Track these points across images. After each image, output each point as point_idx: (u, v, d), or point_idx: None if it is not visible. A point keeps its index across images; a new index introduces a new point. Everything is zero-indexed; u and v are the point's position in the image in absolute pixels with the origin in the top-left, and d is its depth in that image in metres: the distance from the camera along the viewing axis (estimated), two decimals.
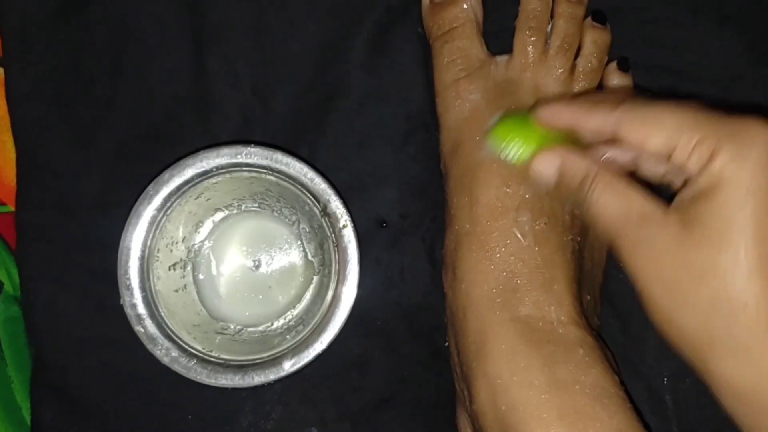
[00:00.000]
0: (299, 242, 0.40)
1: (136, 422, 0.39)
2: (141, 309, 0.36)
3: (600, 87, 0.38)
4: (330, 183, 0.36)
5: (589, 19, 0.38)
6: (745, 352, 0.25)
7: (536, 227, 0.34)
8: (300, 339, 0.36)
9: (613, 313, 0.40)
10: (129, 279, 0.36)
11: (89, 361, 0.39)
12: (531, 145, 0.30)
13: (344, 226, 0.36)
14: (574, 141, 0.30)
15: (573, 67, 0.37)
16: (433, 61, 0.39)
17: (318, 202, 0.36)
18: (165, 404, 0.39)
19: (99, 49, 0.40)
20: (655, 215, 0.27)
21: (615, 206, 0.28)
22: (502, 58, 0.38)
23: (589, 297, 0.36)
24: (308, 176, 0.36)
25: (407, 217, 0.40)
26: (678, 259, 0.26)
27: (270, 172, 0.36)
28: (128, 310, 0.36)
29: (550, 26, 0.38)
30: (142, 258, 0.36)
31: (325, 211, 0.36)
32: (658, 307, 0.27)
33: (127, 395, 0.39)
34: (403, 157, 0.40)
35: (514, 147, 0.31)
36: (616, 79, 0.38)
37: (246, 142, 0.36)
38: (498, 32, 0.38)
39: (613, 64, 0.38)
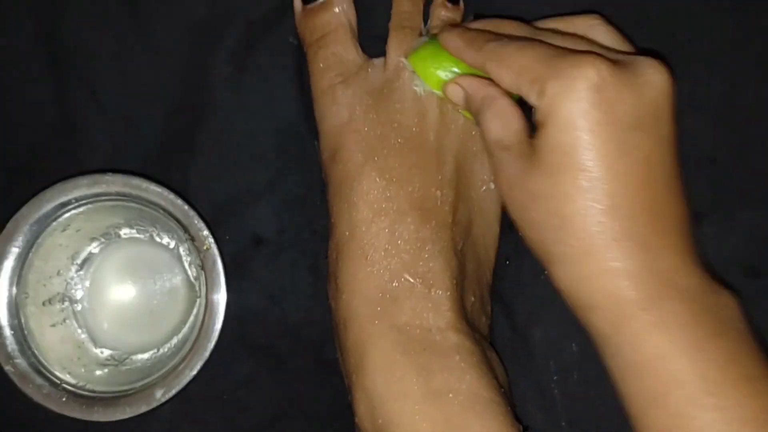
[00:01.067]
0: (180, 266, 0.40)
1: None
2: (10, 348, 0.35)
3: None
4: (190, 205, 0.35)
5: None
6: (565, 261, 0.29)
7: (415, 232, 0.34)
8: (172, 365, 0.36)
9: (502, 310, 0.39)
10: None
11: None
12: (445, 68, 0.34)
13: (207, 248, 0.35)
14: None
15: None
16: (309, 67, 0.38)
17: (181, 225, 0.36)
18: None
19: None
20: (517, 145, 0.31)
21: (495, 131, 0.32)
22: (378, 61, 0.37)
23: (473, 298, 0.36)
24: (168, 199, 0.35)
25: (284, 232, 0.40)
26: (522, 184, 0.30)
27: (131, 199, 0.36)
28: None
29: (425, 29, 0.38)
30: (9, 296, 0.36)
31: (189, 234, 0.36)
32: (515, 221, 0.31)
33: None
34: (275, 172, 0.40)
35: (431, 70, 0.35)
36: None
37: (104, 170, 0.36)
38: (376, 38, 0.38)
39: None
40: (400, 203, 0.34)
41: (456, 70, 0.34)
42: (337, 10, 0.37)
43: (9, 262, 0.36)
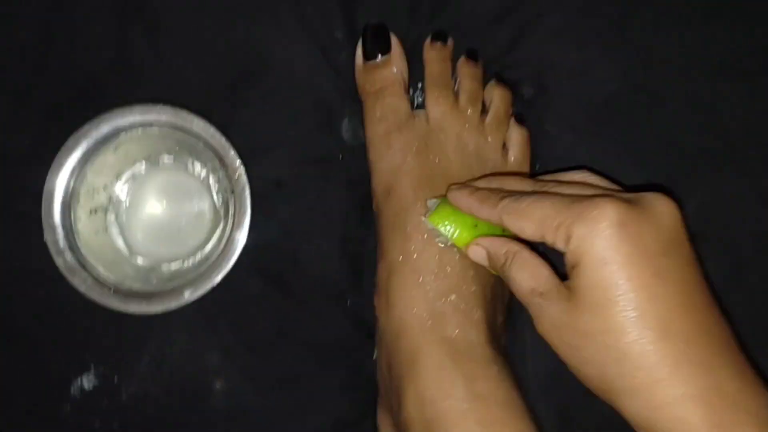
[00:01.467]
0: (208, 194, 0.46)
1: (57, 347, 0.44)
2: (62, 244, 0.41)
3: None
4: (227, 138, 0.42)
5: (493, 80, 0.45)
6: (633, 393, 0.30)
7: (460, 260, 0.40)
8: (199, 273, 0.42)
9: None
10: (52, 218, 0.41)
11: (15, 293, 0.44)
12: (463, 229, 0.37)
13: (238, 176, 0.41)
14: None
15: (483, 116, 0.44)
16: (365, 115, 0.44)
17: (218, 155, 0.42)
18: (82, 331, 0.44)
19: (29, 19, 0.45)
20: (553, 290, 0.32)
21: (526, 281, 0.34)
22: (421, 112, 0.43)
23: (501, 318, 0.42)
24: (209, 132, 0.41)
25: (301, 177, 0.46)
26: (568, 325, 0.31)
27: (177, 129, 0.42)
28: (50, 245, 0.41)
29: (456, 85, 0.44)
30: (63, 200, 0.42)
31: (224, 163, 0.42)
32: (566, 362, 0.33)
33: (48, 324, 0.44)
34: (305, 133, 0.46)
35: (449, 231, 0.37)
36: (516, 130, 0.44)
37: (156, 101, 0.42)
38: None
39: (512, 119, 0.45)
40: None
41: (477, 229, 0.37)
42: (395, 69, 0.43)
43: (65, 172, 0.41)
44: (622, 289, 0.29)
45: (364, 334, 0.45)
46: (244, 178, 0.41)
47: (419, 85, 0.45)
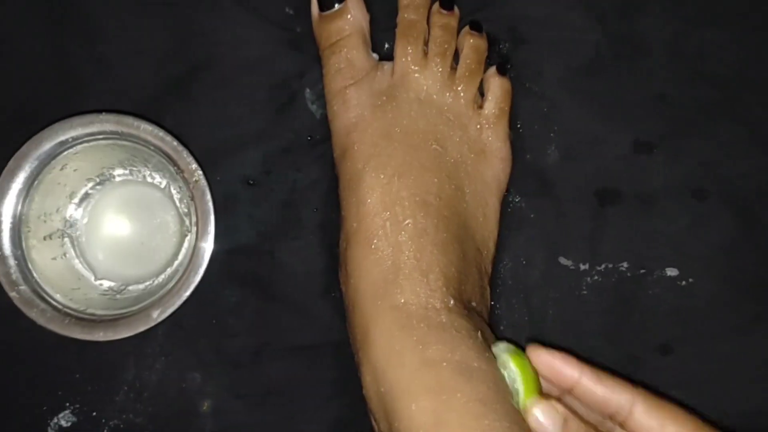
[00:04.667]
0: (172, 204, 0.43)
1: (27, 386, 0.41)
2: (15, 275, 0.38)
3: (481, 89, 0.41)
4: (180, 141, 0.38)
5: (467, 27, 0.41)
6: None
7: (415, 223, 0.37)
8: (166, 290, 0.39)
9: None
10: (1, 249, 0.38)
11: None
12: (530, 387, 0.33)
13: (197, 180, 0.38)
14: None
15: (452, 70, 0.40)
16: (323, 70, 0.41)
17: (171, 160, 0.38)
18: (51, 367, 0.41)
19: None
20: None
21: None
22: (387, 65, 0.40)
23: (473, 285, 0.38)
24: (158, 136, 0.38)
25: (270, 173, 0.43)
26: None
27: (123, 137, 0.39)
28: (2, 278, 0.38)
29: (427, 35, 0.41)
30: (12, 229, 0.38)
31: (179, 168, 0.38)
32: None
33: (13, 363, 0.41)
34: (265, 122, 0.43)
35: (518, 383, 0.33)
36: (496, 81, 0.41)
37: (99, 111, 0.39)
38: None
39: (492, 68, 0.41)
40: (401, 197, 0.37)
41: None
42: (351, 17, 0.40)
43: (11, 197, 0.38)
44: None
45: None
46: (203, 181, 0.38)
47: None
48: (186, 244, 0.42)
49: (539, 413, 0.32)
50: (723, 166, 0.42)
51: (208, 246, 0.38)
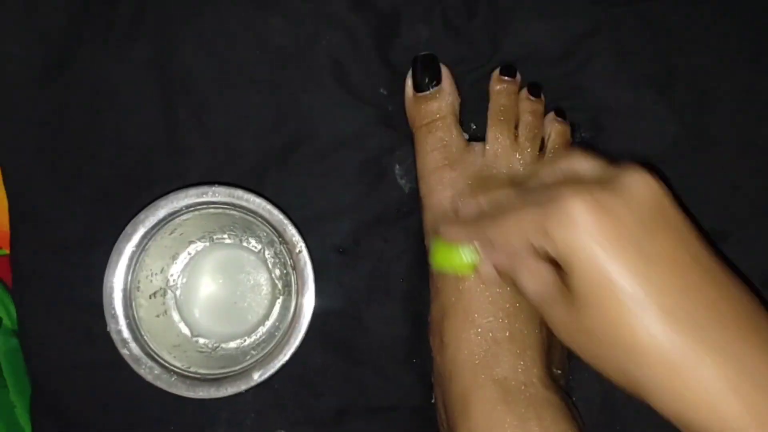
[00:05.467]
0: (265, 267, 0.45)
1: None
2: (126, 334, 0.41)
3: None
4: (286, 214, 0.41)
5: (552, 113, 0.44)
6: (655, 386, 0.28)
7: (512, 301, 0.39)
8: (266, 352, 0.41)
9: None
10: (114, 308, 0.41)
11: (81, 385, 0.44)
12: (465, 258, 0.36)
13: (299, 252, 0.41)
14: None
15: (541, 154, 0.43)
16: (417, 148, 0.43)
17: (276, 231, 0.41)
18: (149, 419, 0.43)
19: (78, 107, 0.45)
20: (558, 294, 0.31)
21: (532, 288, 0.33)
22: (478, 146, 0.42)
23: (557, 359, 0.41)
24: (266, 209, 0.41)
25: (360, 243, 0.45)
26: (576, 326, 0.31)
27: (233, 208, 0.42)
28: (114, 336, 0.40)
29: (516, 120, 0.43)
30: (124, 290, 0.41)
31: (283, 239, 0.41)
32: (589, 363, 0.31)
33: (115, 413, 0.44)
34: (357, 195, 0.45)
35: (452, 265, 0.37)
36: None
37: (211, 182, 0.41)
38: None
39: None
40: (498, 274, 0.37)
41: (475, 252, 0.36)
42: (447, 101, 0.43)
43: (125, 259, 0.41)
44: (614, 282, 0.28)
45: (432, 392, 0.44)
46: (306, 253, 0.41)
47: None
48: (277, 307, 0.45)
49: (482, 276, 0.36)
50: None
51: (307, 313, 0.41)
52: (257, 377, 0.40)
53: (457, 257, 0.37)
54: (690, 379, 0.27)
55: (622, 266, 0.28)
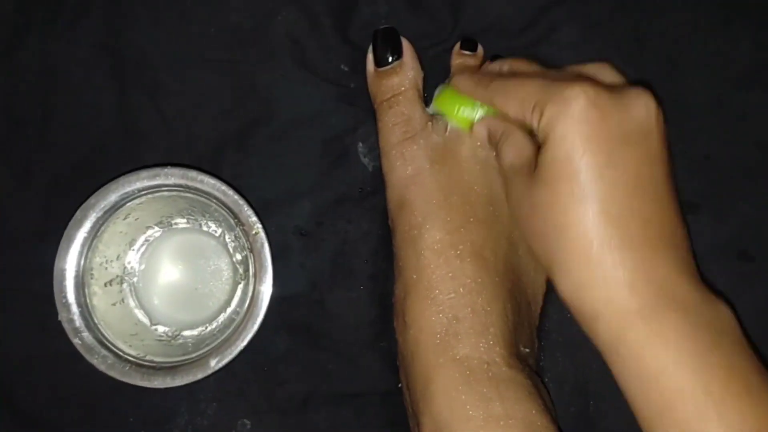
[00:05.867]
0: (226, 252, 0.44)
1: (82, 428, 0.42)
2: (78, 323, 0.39)
3: None
4: (241, 195, 0.40)
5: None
6: (566, 268, 0.32)
7: (474, 278, 0.38)
8: (224, 338, 0.40)
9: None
10: (65, 297, 0.39)
11: (36, 377, 0.42)
12: (465, 110, 0.39)
13: (256, 233, 0.39)
14: None
15: None
16: (378, 124, 0.42)
17: (232, 212, 0.40)
18: (106, 411, 0.42)
19: (28, 93, 0.44)
20: (525, 164, 0.35)
21: (511, 156, 0.36)
22: (440, 119, 0.41)
23: (524, 337, 0.39)
24: (221, 190, 0.40)
25: (322, 224, 0.44)
26: (526, 197, 0.34)
27: (187, 190, 0.40)
28: (66, 325, 0.39)
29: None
30: (76, 277, 0.40)
31: (239, 221, 0.40)
32: (524, 236, 0.36)
33: (71, 406, 0.42)
34: (318, 175, 0.44)
35: (452, 112, 0.40)
36: None
37: (163, 164, 0.40)
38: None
39: None
40: (460, 251, 0.38)
41: (478, 109, 0.39)
42: (409, 74, 0.41)
43: (76, 246, 0.40)
44: (573, 168, 0.31)
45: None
46: (263, 234, 0.39)
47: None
48: (238, 292, 0.43)
49: (475, 132, 0.39)
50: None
51: (265, 296, 0.39)
52: (214, 364, 0.39)
53: (458, 107, 0.39)
54: (597, 267, 0.31)
55: (588, 160, 0.31)
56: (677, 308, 0.30)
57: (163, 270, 0.44)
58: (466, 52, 0.43)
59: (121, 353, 0.40)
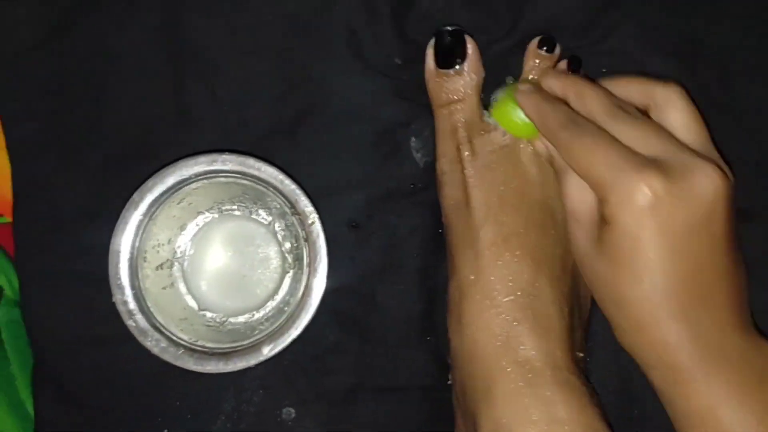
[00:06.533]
0: (275, 240, 0.44)
1: (128, 412, 0.42)
2: (132, 305, 0.39)
3: None
4: (299, 184, 0.40)
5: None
6: (624, 330, 0.35)
7: (532, 281, 0.38)
8: (277, 327, 0.40)
9: None
10: (119, 278, 0.39)
11: (84, 358, 0.42)
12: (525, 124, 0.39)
13: (312, 223, 0.39)
14: None
15: None
16: (437, 126, 0.42)
17: (288, 202, 0.40)
18: (153, 394, 0.42)
19: (83, 74, 0.43)
20: (589, 222, 0.36)
21: (573, 198, 0.37)
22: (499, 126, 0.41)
23: (579, 338, 0.40)
24: (278, 179, 0.40)
25: (373, 217, 0.44)
26: (590, 261, 0.36)
27: (244, 177, 0.40)
28: (120, 307, 0.39)
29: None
30: (131, 259, 0.40)
31: (295, 210, 0.40)
32: (585, 280, 0.37)
33: (119, 388, 0.42)
34: (370, 167, 0.44)
35: (514, 121, 0.40)
36: None
37: (221, 150, 0.40)
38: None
39: None
40: (518, 254, 0.38)
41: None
42: (471, 78, 0.41)
43: (132, 228, 0.40)
44: (638, 258, 0.32)
45: (447, 372, 0.43)
46: (319, 225, 0.39)
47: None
48: (287, 281, 0.44)
49: (537, 146, 0.40)
50: None
51: (319, 287, 0.39)
52: (267, 351, 0.39)
53: (520, 124, 0.39)
54: (655, 335, 0.33)
55: (651, 255, 0.32)
56: (726, 362, 0.33)
57: (211, 256, 0.44)
58: (544, 52, 0.41)
59: (174, 337, 0.40)
